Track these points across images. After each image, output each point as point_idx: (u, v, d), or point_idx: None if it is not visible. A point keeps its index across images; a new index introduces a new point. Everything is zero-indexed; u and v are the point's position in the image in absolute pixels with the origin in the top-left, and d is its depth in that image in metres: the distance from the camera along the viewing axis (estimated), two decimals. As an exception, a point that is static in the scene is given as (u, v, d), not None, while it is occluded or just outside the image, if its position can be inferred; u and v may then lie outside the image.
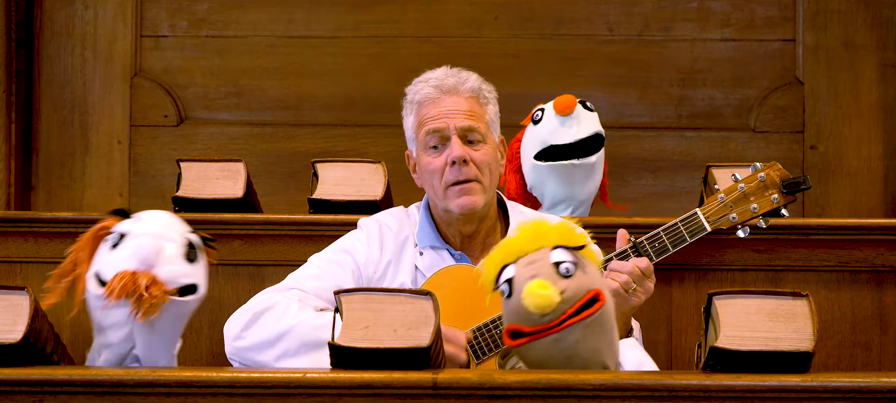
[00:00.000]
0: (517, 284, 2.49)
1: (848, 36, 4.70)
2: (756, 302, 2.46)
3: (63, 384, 2.43)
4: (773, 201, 3.11)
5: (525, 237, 2.56)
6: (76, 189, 4.77)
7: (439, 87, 3.15)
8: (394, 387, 2.40)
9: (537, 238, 2.55)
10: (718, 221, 3.10)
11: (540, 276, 2.47)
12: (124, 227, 2.64)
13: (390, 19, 4.77)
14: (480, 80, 3.20)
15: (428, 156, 3.15)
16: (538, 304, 2.45)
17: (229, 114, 4.80)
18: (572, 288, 2.47)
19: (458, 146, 3.10)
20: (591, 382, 2.39)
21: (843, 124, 4.70)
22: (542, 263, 2.50)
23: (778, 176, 3.11)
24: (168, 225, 2.67)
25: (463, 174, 3.10)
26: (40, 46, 4.79)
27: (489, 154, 3.14)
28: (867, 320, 3.52)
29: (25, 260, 3.62)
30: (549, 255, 2.51)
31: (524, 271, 2.50)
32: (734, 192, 3.10)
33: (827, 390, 2.37)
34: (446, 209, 3.15)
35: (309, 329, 2.94)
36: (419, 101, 3.17)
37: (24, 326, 2.51)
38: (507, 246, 2.56)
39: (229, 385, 2.42)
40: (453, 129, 3.11)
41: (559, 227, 2.57)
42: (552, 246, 2.52)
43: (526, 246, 2.54)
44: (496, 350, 2.97)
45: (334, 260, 3.17)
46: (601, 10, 4.74)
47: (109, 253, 2.62)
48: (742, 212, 3.10)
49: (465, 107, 3.13)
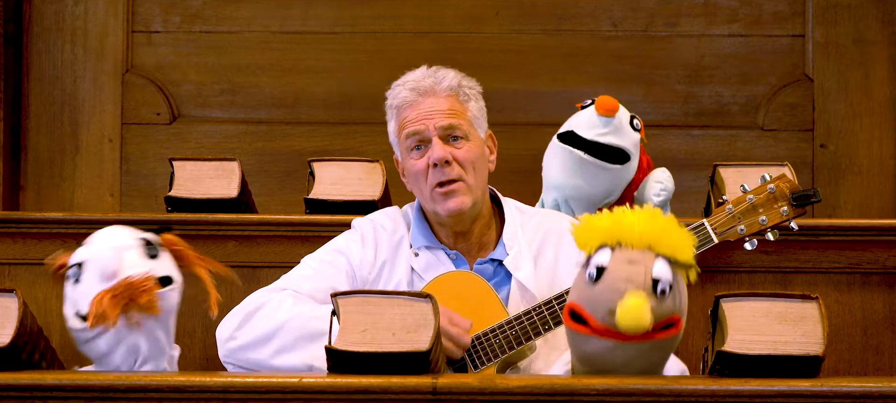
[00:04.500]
0: (610, 281, 2.40)
1: (859, 31, 4.69)
2: (764, 305, 2.45)
3: (52, 389, 2.43)
4: (782, 213, 3.09)
5: (637, 225, 2.44)
6: (66, 188, 4.76)
7: (416, 89, 3.16)
8: (392, 392, 2.39)
9: (649, 234, 2.43)
10: (726, 233, 3.09)
11: (637, 287, 2.38)
12: (78, 257, 2.66)
13: (388, 15, 4.76)
14: (460, 77, 3.20)
15: (411, 159, 3.16)
16: (630, 326, 2.37)
17: (223, 112, 4.79)
18: (659, 313, 2.40)
19: (440, 147, 3.10)
20: (596, 387, 2.38)
21: (854, 122, 4.68)
22: (642, 272, 2.40)
23: (788, 187, 3.10)
24: (119, 235, 2.68)
25: (446, 174, 3.10)
26: (29, 42, 4.77)
27: (473, 151, 3.14)
28: (879, 323, 3.50)
29: (14, 261, 3.61)
30: (653, 266, 2.41)
31: (621, 270, 2.40)
32: (743, 203, 3.09)
33: (837, 395, 2.36)
34: (435, 211, 3.15)
35: (305, 320, 2.94)
36: (398, 106, 3.18)
37: (12, 330, 2.50)
38: (616, 225, 2.45)
39: (223, 389, 2.42)
40: (433, 130, 3.12)
41: (676, 234, 2.46)
42: (658, 254, 2.43)
43: (633, 238, 2.43)
44: (495, 359, 2.97)
45: (328, 260, 3.17)
46: (605, 5, 4.73)
47: (75, 287, 2.63)
48: (750, 224, 3.09)
49: (445, 107, 3.14)
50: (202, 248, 3.56)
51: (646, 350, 2.43)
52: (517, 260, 3.12)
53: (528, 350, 3.00)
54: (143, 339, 2.61)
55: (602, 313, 2.40)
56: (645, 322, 2.36)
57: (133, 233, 2.68)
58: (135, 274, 2.58)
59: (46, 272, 2.71)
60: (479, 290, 3.05)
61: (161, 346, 2.66)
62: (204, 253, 3.53)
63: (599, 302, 2.41)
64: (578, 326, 2.44)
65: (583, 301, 2.44)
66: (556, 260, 3.14)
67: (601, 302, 2.41)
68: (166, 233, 2.72)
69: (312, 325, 2.91)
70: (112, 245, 2.63)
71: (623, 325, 2.37)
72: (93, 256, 2.62)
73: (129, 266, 2.60)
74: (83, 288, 2.60)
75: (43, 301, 3.48)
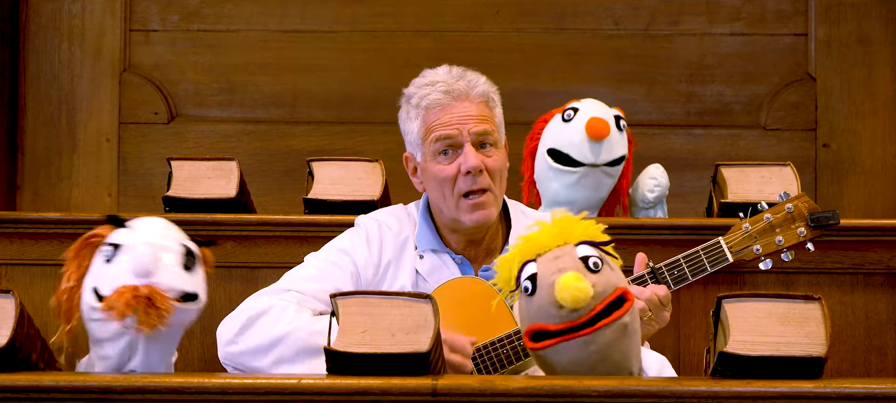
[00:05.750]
0: (543, 279, 2.45)
1: (862, 30, 4.70)
2: (767, 306, 2.44)
3: (50, 390, 2.41)
4: (799, 235, 3.06)
5: (547, 233, 2.52)
6: (63, 188, 4.76)
7: (449, 93, 3.09)
8: (392, 394, 2.38)
9: (561, 233, 2.52)
10: (741, 252, 3.06)
11: (568, 268, 2.43)
12: (118, 238, 2.61)
13: (388, 13, 4.76)
14: (488, 83, 3.15)
15: (438, 164, 3.10)
16: (574, 297, 2.41)
17: (222, 111, 4.79)
18: (602, 283, 2.44)
19: (473, 155, 3.06)
20: (597, 388, 2.36)
21: (857, 121, 4.69)
22: (568, 258, 2.47)
23: (806, 208, 3.07)
24: (164, 234, 2.63)
25: (478, 184, 3.06)
26: (26, 41, 4.78)
27: (501, 159, 3.11)
28: (882, 324, 3.50)
29: (11, 262, 3.60)
30: (575, 250, 2.48)
31: (550, 266, 2.46)
32: (760, 223, 3.06)
33: (840, 396, 2.34)
34: (456, 219, 3.10)
35: (306, 334, 2.91)
36: (427, 107, 3.11)
37: (9, 331, 2.49)
38: (528, 243, 2.53)
39: (221, 391, 2.40)
40: (467, 136, 3.07)
41: (583, 224, 2.54)
42: (577, 242, 2.50)
43: (548, 242, 2.51)
44: (501, 370, 2.94)
45: (333, 260, 3.13)
46: (606, 4, 4.74)
47: (105, 267, 2.59)
48: (766, 244, 3.06)
49: (476, 112, 3.08)
50: (201, 248, 3.56)
51: (615, 332, 2.43)
52: (522, 267, 3.10)
53: None
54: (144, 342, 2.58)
55: (551, 311, 2.43)
56: (585, 290, 2.40)
57: (178, 237, 2.64)
58: (162, 286, 2.53)
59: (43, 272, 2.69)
60: (487, 297, 3.02)
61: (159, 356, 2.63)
62: (202, 254, 3.50)
63: (550, 302, 2.43)
64: (543, 342, 2.45)
65: (535, 316, 2.47)
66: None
67: (545, 302, 2.44)
68: (207, 249, 2.68)
69: (313, 340, 2.88)
70: (154, 242, 2.58)
71: (569, 299, 2.40)
72: (133, 244, 2.57)
73: (164, 268, 2.55)
74: (112, 271, 2.56)
75: (40, 302, 3.47)
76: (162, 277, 2.54)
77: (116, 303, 2.51)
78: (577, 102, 3.72)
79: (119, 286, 2.53)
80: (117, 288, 2.53)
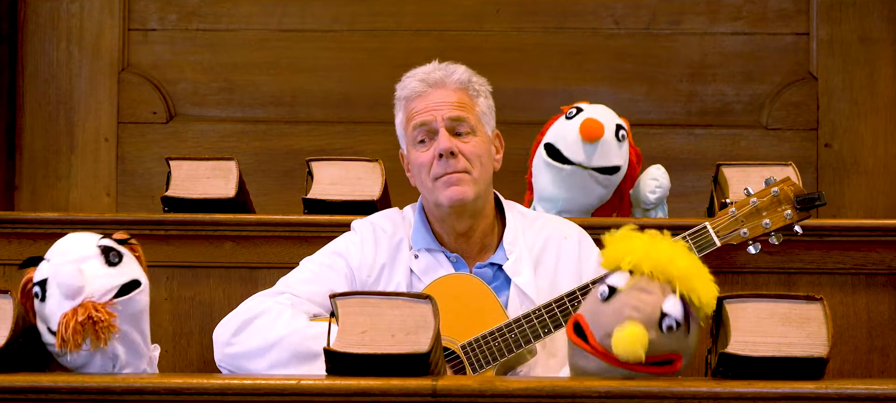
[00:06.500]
0: (618, 306, 2.45)
1: (864, 29, 4.69)
2: (768, 306, 2.46)
3: (48, 391, 2.43)
4: (786, 217, 3.09)
5: (661, 257, 2.48)
6: (62, 188, 4.76)
7: (426, 81, 3.16)
8: (392, 395, 2.39)
9: (668, 268, 2.48)
10: (729, 236, 3.09)
11: (642, 318, 2.42)
12: (41, 273, 2.63)
13: (388, 12, 4.76)
14: (470, 73, 3.20)
15: (416, 150, 3.14)
16: (628, 353, 2.41)
17: (221, 111, 4.79)
18: (662, 347, 2.44)
19: (446, 138, 3.09)
20: (597, 389, 2.38)
21: (859, 121, 4.68)
22: (651, 305, 2.45)
23: (792, 191, 3.10)
24: (78, 246, 2.65)
25: (451, 166, 3.09)
26: (24, 40, 4.78)
27: (480, 146, 3.13)
28: (884, 324, 3.50)
29: (9, 262, 3.60)
30: (664, 301, 2.45)
31: (631, 297, 2.46)
32: (746, 207, 3.10)
33: (842, 397, 2.35)
34: (437, 203, 3.13)
35: (301, 339, 2.92)
36: (406, 97, 3.18)
37: (7, 331, 2.50)
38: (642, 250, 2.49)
39: (220, 392, 2.42)
40: (441, 121, 3.11)
41: (693, 274, 2.49)
42: (673, 290, 2.46)
43: (654, 267, 2.47)
44: (493, 363, 2.97)
45: (327, 263, 3.16)
46: (607, 3, 4.74)
47: (43, 306, 2.61)
48: (753, 228, 3.09)
49: (454, 99, 3.13)
50: (200, 249, 3.57)
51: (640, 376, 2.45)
52: (517, 265, 3.11)
53: (528, 354, 2.99)
54: (119, 345, 2.60)
55: (602, 334, 2.44)
56: (638, 353, 2.40)
57: (92, 241, 2.65)
58: (97, 293, 2.56)
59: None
60: (479, 293, 3.04)
61: (138, 350, 2.65)
62: (201, 254, 3.52)
63: (603, 322, 2.45)
64: (578, 340, 2.47)
65: (588, 316, 2.48)
66: (557, 266, 3.14)
67: (604, 322, 2.45)
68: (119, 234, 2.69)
69: (307, 345, 2.89)
70: (71, 259, 2.60)
71: (616, 351, 2.41)
72: (54, 273, 2.59)
73: (91, 278, 2.57)
74: (50, 306, 2.59)
75: (38, 302, 3.47)
76: (92, 286, 2.57)
77: (66, 336, 2.53)
78: (585, 104, 3.72)
79: (60, 317, 2.55)
80: (59, 321, 2.55)
